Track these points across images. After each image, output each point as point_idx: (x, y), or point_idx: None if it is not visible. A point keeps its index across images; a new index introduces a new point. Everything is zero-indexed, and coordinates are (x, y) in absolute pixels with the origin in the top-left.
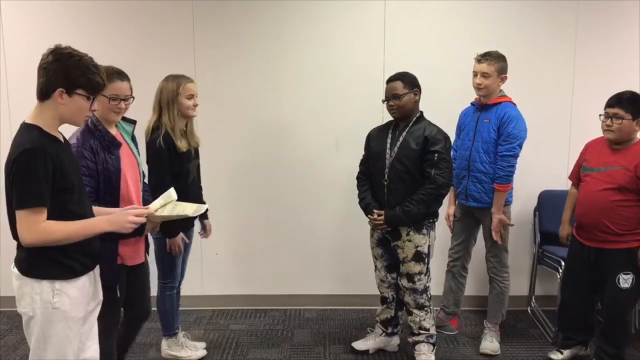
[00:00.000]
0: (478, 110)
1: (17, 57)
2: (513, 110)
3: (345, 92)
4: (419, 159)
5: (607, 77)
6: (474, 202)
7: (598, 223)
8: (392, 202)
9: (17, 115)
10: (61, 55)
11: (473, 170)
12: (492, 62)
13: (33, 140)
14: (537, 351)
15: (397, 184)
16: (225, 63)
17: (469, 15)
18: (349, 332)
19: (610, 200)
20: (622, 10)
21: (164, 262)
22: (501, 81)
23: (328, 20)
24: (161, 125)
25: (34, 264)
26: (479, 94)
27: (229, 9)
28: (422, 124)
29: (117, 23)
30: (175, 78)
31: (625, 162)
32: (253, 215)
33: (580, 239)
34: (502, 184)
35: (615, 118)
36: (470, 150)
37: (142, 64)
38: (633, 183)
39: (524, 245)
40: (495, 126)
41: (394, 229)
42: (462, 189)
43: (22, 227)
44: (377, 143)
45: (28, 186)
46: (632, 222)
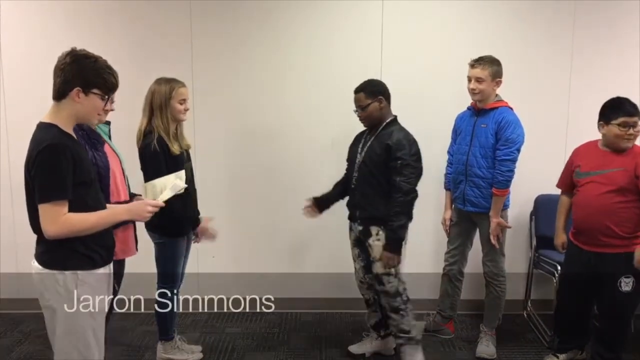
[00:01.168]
0: (475, 114)
1: (15, 58)
2: (511, 115)
3: (343, 94)
4: (383, 165)
5: (605, 81)
6: (472, 207)
7: (601, 227)
8: (360, 205)
9: (14, 115)
10: (78, 56)
11: (471, 175)
12: (486, 66)
13: (53, 136)
14: (532, 355)
15: (363, 187)
16: (223, 64)
17: (467, 16)
18: (345, 336)
19: (612, 203)
20: (620, 11)
21: (164, 266)
22: (496, 85)
23: (326, 22)
24: (153, 129)
25: (56, 256)
26: (474, 98)
27: (227, 9)
28: (390, 129)
29: (114, 24)
30: (168, 81)
31: (623, 163)
32: (249, 218)
33: (578, 244)
34: (501, 188)
35: (634, 127)
36: (467, 155)
37: (140, 65)
38: (632, 183)
39: (520, 250)
40: (493, 131)
41: (366, 228)
42: (459, 193)
43: (46, 220)
44: (353, 147)
45: (51, 180)
46: (633, 224)
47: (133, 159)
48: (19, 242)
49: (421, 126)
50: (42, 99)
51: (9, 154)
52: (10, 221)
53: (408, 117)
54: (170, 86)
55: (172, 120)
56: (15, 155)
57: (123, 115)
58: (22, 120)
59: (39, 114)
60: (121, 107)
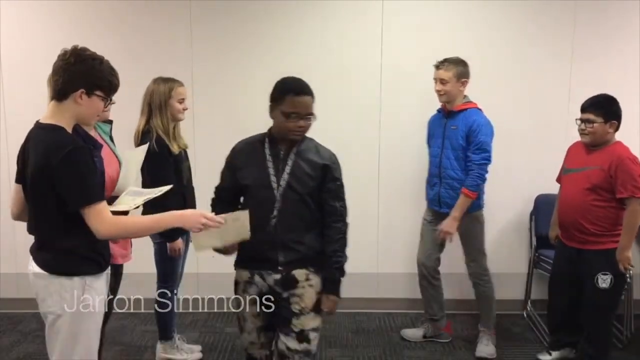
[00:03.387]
0: (445, 116)
1: (13, 56)
2: (480, 117)
3: (343, 94)
4: (317, 189)
5: (605, 79)
6: (448, 208)
7: (575, 223)
8: (284, 244)
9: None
10: (84, 57)
11: (445, 177)
12: (450, 67)
13: (72, 139)
14: (533, 355)
15: (290, 219)
16: (223, 65)
17: (467, 15)
18: (344, 335)
19: (586, 200)
20: (620, 11)
21: (164, 267)
22: (462, 86)
23: (326, 22)
24: (151, 129)
25: (65, 262)
26: (441, 100)
27: (226, 9)
28: None
29: (113, 23)
30: (166, 81)
31: (600, 162)
32: None
33: (562, 239)
34: (474, 191)
35: (587, 122)
36: (440, 157)
37: (138, 66)
38: (607, 182)
39: (521, 249)
40: (464, 133)
41: (288, 275)
42: (434, 195)
43: (97, 222)
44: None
45: (87, 182)
46: (609, 223)
47: None
48: (19, 241)
49: (422, 125)
50: (43, 100)
51: (9, 154)
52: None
53: (408, 117)
54: (169, 85)
55: (171, 120)
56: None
57: (122, 116)
58: (23, 120)
59: (40, 115)
60: (120, 108)
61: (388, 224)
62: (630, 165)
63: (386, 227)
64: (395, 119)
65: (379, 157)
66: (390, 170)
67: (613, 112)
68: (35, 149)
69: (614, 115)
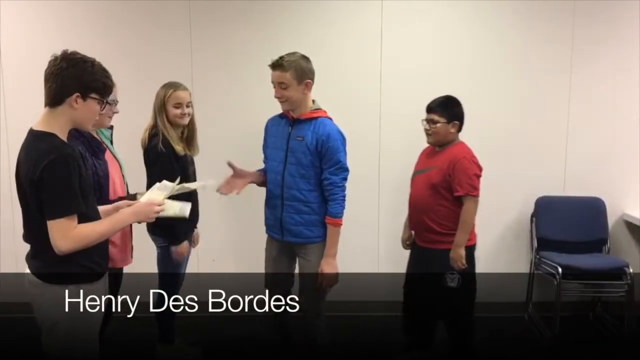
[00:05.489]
0: (289, 124)
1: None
2: (333, 129)
3: (343, 94)
4: None
5: (605, 81)
6: (293, 236)
7: (423, 223)
8: None
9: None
10: (75, 61)
11: (289, 199)
12: (285, 68)
13: (57, 147)
14: (534, 358)
15: None
16: (223, 66)
17: (466, 16)
18: (343, 339)
19: (431, 201)
20: (620, 11)
21: (167, 269)
22: (306, 88)
23: (325, 23)
24: (159, 131)
25: (59, 269)
26: (283, 108)
27: (225, 10)
28: None
29: (114, 27)
30: (165, 85)
31: (441, 162)
32: (249, 219)
33: (415, 239)
34: (341, 217)
35: (432, 123)
36: (282, 174)
37: (138, 67)
38: (445, 181)
39: (521, 251)
40: (313, 147)
41: None
42: (274, 221)
43: (58, 236)
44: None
45: (62, 194)
46: (453, 222)
47: (133, 164)
48: (19, 243)
49: (420, 125)
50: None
51: (9, 156)
52: (10, 223)
53: (408, 116)
54: (166, 90)
55: (172, 124)
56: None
57: (122, 120)
58: (23, 124)
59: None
60: (120, 111)
61: (388, 224)
62: (467, 164)
63: (386, 228)
64: (395, 119)
65: (379, 157)
66: (391, 170)
67: (455, 113)
68: (25, 158)
69: (456, 116)
